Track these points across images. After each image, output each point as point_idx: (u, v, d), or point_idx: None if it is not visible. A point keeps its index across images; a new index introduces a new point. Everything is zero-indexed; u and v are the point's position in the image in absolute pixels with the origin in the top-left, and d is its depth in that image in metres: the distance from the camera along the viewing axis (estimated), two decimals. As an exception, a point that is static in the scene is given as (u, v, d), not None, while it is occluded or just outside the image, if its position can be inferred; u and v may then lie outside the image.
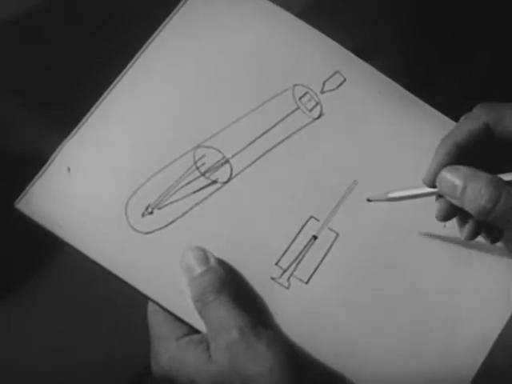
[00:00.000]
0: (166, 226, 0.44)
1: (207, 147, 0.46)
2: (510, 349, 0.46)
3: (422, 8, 0.68)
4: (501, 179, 0.41)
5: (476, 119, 0.43)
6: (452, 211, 0.44)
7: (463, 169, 0.42)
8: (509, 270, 0.47)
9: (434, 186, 0.44)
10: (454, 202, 0.42)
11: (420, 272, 0.46)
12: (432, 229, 0.47)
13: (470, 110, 0.44)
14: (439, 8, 0.67)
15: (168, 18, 0.49)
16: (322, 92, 0.49)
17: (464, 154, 0.43)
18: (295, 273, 0.45)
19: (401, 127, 0.49)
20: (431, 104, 0.50)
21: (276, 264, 0.45)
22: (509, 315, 0.46)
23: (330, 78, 0.50)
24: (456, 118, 0.46)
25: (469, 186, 0.41)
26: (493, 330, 0.45)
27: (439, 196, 0.44)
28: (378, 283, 0.46)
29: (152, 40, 0.48)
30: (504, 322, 0.46)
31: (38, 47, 0.60)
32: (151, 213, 0.44)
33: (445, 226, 0.47)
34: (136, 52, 0.48)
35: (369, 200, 0.46)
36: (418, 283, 0.46)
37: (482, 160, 0.43)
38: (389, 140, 0.49)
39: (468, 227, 0.44)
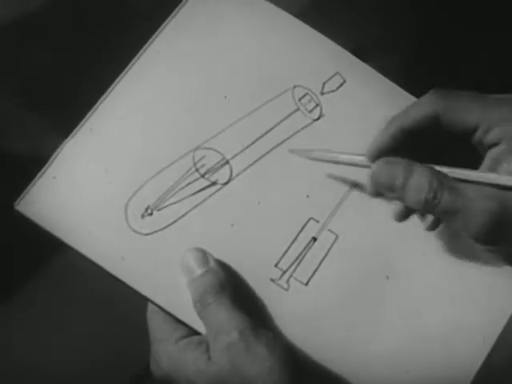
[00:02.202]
0: (165, 227, 0.44)
1: (207, 148, 0.46)
2: (509, 349, 0.46)
3: (421, 8, 0.68)
4: (439, 172, 0.41)
5: (426, 106, 0.42)
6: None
7: (402, 162, 0.41)
8: (509, 271, 0.47)
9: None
10: (392, 195, 0.42)
11: (419, 273, 0.46)
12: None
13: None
14: (439, 8, 0.67)
15: (168, 19, 0.49)
16: (322, 93, 0.49)
17: (409, 139, 0.42)
18: (295, 274, 0.45)
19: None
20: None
21: (275, 265, 0.45)
22: (508, 316, 0.46)
23: (329, 79, 0.50)
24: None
25: (410, 180, 0.41)
26: (493, 330, 0.45)
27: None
28: (377, 285, 0.46)
29: (152, 41, 0.48)
30: (504, 323, 0.46)
31: (38, 47, 0.60)
32: (151, 214, 0.44)
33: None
34: (136, 52, 0.48)
35: (291, 151, 0.46)
36: (417, 284, 0.46)
37: (427, 147, 0.43)
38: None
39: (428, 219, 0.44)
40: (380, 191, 0.43)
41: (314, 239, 0.46)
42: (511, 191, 0.39)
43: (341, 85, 0.50)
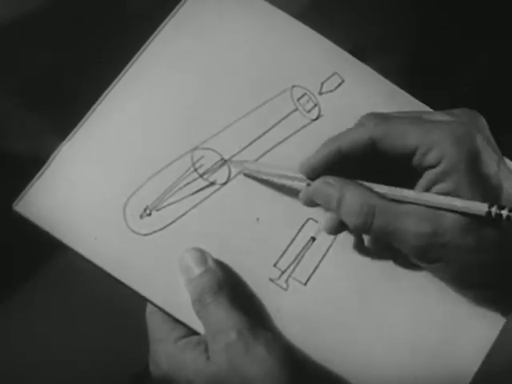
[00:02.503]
0: (164, 227, 0.44)
1: (205, 149, 0.46)
2: (508, 350, 0.46)
3: (421, 9, 0.68)
4: (374, 193, 0.41)
5: (363, 131, 0.42)
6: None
7: (337, 183, 0.42)
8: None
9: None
10: (332, 211, 0.43)
11: (419, 272, 0.46)
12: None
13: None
14: (439, 8, 0.67)
15: (167, 19, 0.49)
16: (321, 93, 0.49)
17: (345, 160, 0.43)
18: (293, 274, 0.45)
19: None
20: (431, 105, 0.50)
21: (274, 265, 0.45)
22: (507, 316, 0.46)
23: (328, 79, 0.50)
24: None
25: (343, 203, 0.41)
26: (490, 332, 0.45)
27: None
28: (376, 284, 0.46)
29: (151, 41, 0.48)
30: (502, 324, 0.45)
31: (38, 47, 0.60)
32: (149, 215, 0.44)
33: None
34: (136, 52, 0.48)
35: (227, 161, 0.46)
36: (416, 284, 0.46)
37: (365, 167, 0.43)
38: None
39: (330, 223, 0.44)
40: (313, 205, 0.44)
41: (313, 239, 0.46)
42: (443, 211, 0.40)
43: (339, 85, 0.50)
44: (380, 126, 0.42)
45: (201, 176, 0.45)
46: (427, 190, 0.41)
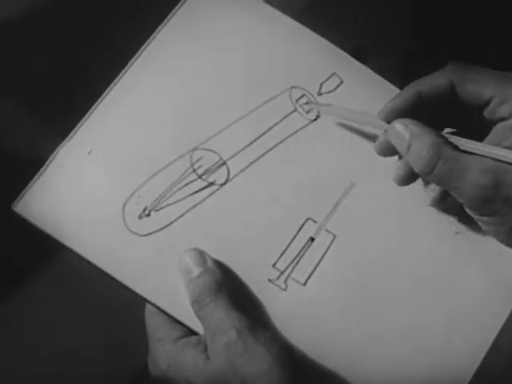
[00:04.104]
0: (163, 228, 0.44)
1: (204, 149, 0.46)
2: (507, 350, 0.46)
3: (420, 9, 0.68)
4: (445, 141, 0.41)
5: (443, 75, 0.43)
6: (391, 149, 0.45)
7: (411, 125, 0.42)
8: (507, 271, 0.47)
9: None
10: (402, 154, 0.43)
11: (418, 273, 0.46)
12: (432, 232, 0.47)
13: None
14: (439, 8, 0.66)
15: (166, 20, 0.49)
16: (319, 94, 0.49)
17: (424, 106, 0.43)
18: (292, 275, 0.45)
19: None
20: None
21: (273, 266, 0.45)
22: (506, 316, 0.46)
23: (327, 79, 0.50)
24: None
25: (413, 145, 0.42)
26: (490, 331, 0.45)
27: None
28: (375, 284, 0.46)
29: (151, 41, 0.48)
30: (501, 324, 0.46)
31: (37, 47, 0.60)
32: (148, 215, 0.44)
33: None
34: (135, 52, 0.48)
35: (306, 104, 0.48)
36: (415, 284, 0.46)
37: (440, 115, 0.44)
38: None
39: (400, 172, 0.45)
40: (387, 151, 0.45)
41: (312, 239, 0.46)
42: (509, 165, 0.40)
43: (338, 85, 0.50)
44: (460, 72, 0.43)
45: (200, 176, 0.46)
46: (496, 143, 0.41)
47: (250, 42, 0.49)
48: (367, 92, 0.50)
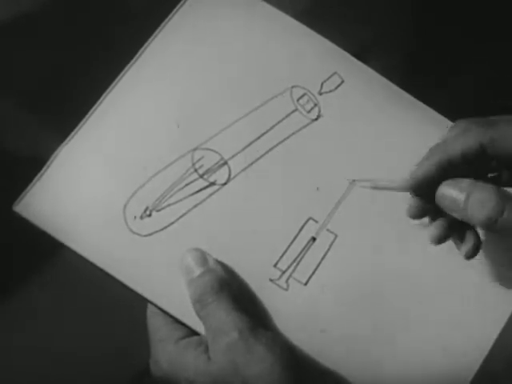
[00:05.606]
0: (164, 228, 0.44)
1: (205, 149, 0.46)
2: (508, 350, 0.46)
3: (421, 9, 0.68)
4: (503, 190, 0.40)
5: (470, 138, 0.41)
6: (423, 211, 0.43)
7: (465, 181, 0.41)
8: (507, 271, 0.47)
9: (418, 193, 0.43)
10: (456, 215, 0.41)
11: (419, 273, 0.46)
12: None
13: (470, 111, 0.44)
14: (439, 8, 0.67)
15: (166, 20, 0.49)
16: (320, 93, 0.49)
17: (454, 168, 0.42)
18: (294, 274, 0.45)
19: (399, 128, 0.49)
20: (430, 105, 0.50)
21: (274, 266, 0.45)
22: (507, 316, 0.46)
23: (328, 79, 0.50)
24: (456, 120, 0.45)
25: (472, 197, 0.40)
26: (492, 331, 0.45)
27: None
28: (376, 284, 0.46)
29: (151, 41, 0.48)
30: (503, 324, 0.46)
31: (37, 47, 0.61)
32: (150, 215, 0.44)
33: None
34: (136, 53, 0.48)
35: (353, 181, 0.47)
36: (416, 284, 0.46)
37: (471, 172, 0.42)
38: (387, 141, 0.49)
39: (437, 231, 0.43)
40: (419, 214, 0.43)
41: (314, 239, 0.46)
42: None
43: (339, 85, 0.50)
44: (489, 131, 0.41)
45: (201, 176, 0.46)
46: None
47: (250, 41, 0.49)
48: (368, 91, 0.50)
